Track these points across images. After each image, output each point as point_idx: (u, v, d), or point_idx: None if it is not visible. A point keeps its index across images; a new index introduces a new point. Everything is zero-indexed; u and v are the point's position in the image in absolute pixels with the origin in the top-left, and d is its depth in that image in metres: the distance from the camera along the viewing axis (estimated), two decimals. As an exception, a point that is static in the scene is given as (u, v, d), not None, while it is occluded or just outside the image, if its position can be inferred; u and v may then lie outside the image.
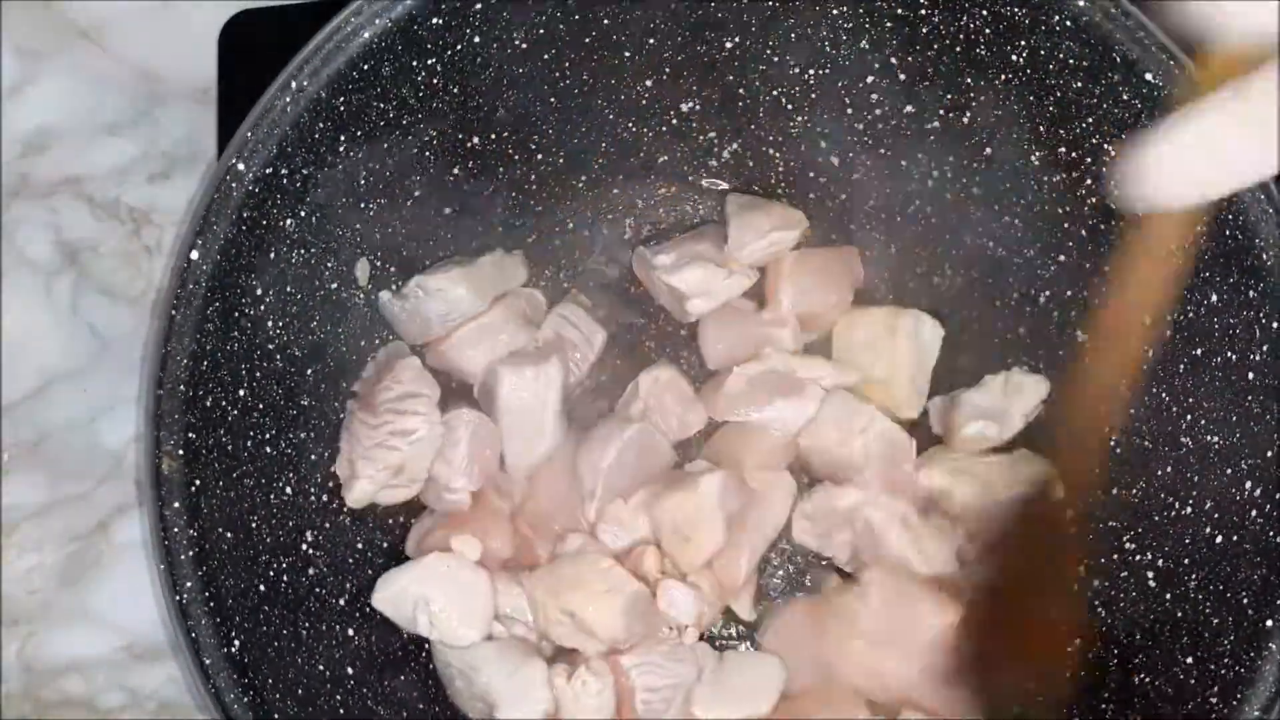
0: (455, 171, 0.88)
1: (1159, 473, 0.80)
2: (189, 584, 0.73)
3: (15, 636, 0.95)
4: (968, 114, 0.86)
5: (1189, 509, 0.78)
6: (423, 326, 0.88)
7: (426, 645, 0.84)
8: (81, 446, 0.99)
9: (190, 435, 0.75)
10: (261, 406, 0.79)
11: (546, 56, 0.86)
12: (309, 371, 0.82)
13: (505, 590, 0.83)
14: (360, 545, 0.83)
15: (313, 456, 0.81)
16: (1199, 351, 0.78)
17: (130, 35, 1.06)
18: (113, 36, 1.06)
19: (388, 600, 0.81)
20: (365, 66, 0.80)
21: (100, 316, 1.01)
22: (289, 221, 0.80)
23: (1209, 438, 0.77)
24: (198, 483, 0.74)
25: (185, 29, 1.04)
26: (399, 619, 0.82)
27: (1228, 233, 0.75)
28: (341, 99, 0.80)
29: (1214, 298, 0.77)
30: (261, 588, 0.76)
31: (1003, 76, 0.83)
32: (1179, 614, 0.77)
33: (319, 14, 0.79)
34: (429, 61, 0.83)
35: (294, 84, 0.78)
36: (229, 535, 0.75)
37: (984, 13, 0.81)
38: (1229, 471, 0.76)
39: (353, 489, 0.83)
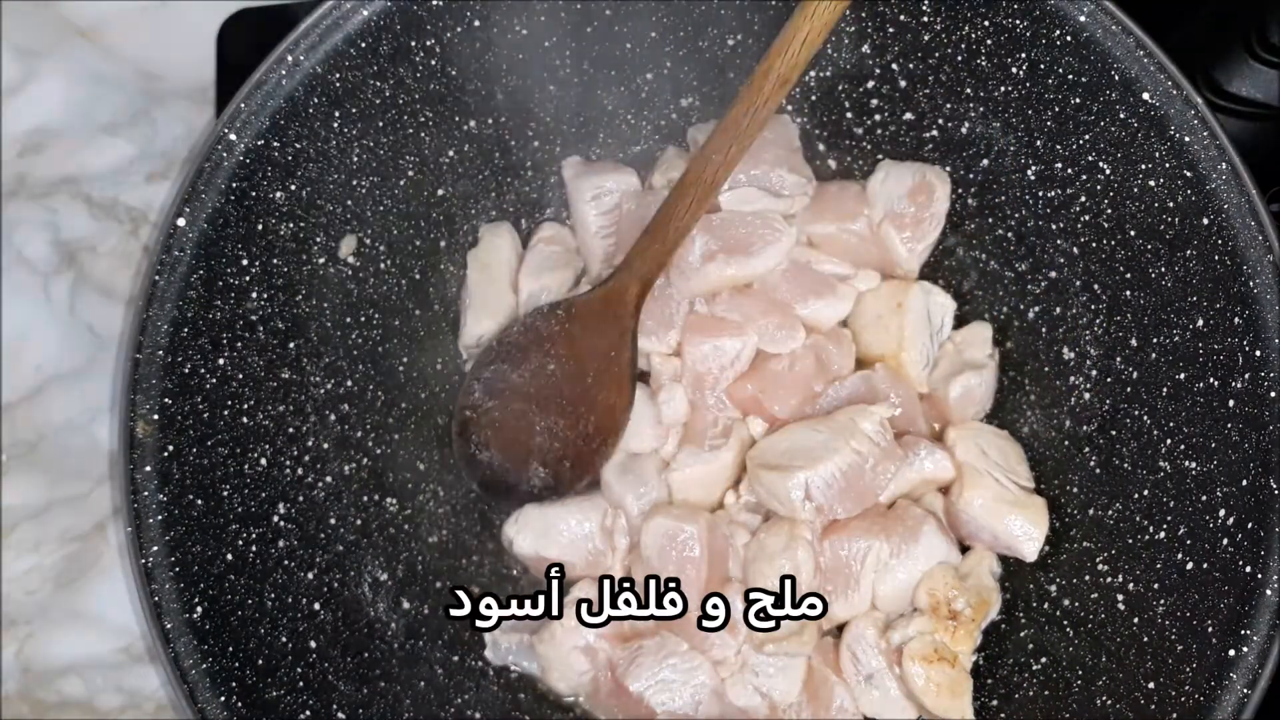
0: (450, 154, 0.88)
1: (1136, 496, 0.80)
2: (155, 548, 0.73)
3: (14, 638, 0.94)
4: (966, 124, 0.86)
5: (1162, 534, 0.78)
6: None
7: (391, 625, 0.84)
8: (80, 447, 0.98)
9: (166, 401, 0.75)
10: (241, 377, 0.79)
11: (547, 44, 0.86)
12: (291, 345, 0.82)
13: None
14: (333, 521, 0.83)
15: (290, 430, 0.81)
16: (1182, 376, 0.77)
17: (129, 35, 1.05)
18: (111, 36, 1.05)
19: None
20: (363, 44, 0.80)
21: (99, 316, 1.00)
22: (279, 194, 0.80)
23: (1187, 463, 0.77)
24: (171, 448, 0.75)
25: (184, 29, 1.04)
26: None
27: (1216, 258, 0.74)
28: (337, 75, 0.80)
29: (1200, 322, 0.76)
30: (229, 556, 0.76)
31: (1002, 88, 0.83)
32: (1145, 638, 0.76)
33: (317, 15, 0.79)
34: (428, 43, 0.83)
35: (290, 58, 0.78)
36: (199, 503, 0.76)
37: (986, 23, 0.81)
38: (1204, 498, 0.75)
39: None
